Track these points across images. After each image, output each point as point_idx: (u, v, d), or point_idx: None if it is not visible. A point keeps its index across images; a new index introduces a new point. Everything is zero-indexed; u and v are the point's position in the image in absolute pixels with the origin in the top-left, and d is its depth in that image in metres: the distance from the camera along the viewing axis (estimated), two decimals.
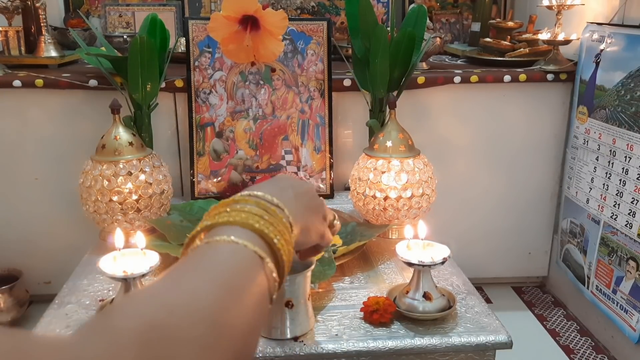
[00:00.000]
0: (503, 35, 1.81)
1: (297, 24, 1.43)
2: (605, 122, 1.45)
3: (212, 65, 1.41)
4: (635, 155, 1.34)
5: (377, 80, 1.30)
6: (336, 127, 1.51)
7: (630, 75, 1.35)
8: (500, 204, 1.71)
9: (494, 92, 1.60)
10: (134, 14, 1.82)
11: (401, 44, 1.27)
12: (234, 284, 0.39)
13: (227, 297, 0.38)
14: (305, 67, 1.43)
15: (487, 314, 0.88)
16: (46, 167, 1.51)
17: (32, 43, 1.61)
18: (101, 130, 1.15)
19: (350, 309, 0.89)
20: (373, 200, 1.13)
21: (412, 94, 1.54)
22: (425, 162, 1.15)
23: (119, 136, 1.11)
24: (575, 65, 1.58)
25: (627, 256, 1.37)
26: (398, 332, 0.83)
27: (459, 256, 1.10)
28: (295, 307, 0.80)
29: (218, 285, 0.38)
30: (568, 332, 1.61)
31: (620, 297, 1.39)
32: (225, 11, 1.10)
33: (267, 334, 0.81)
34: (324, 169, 1.45)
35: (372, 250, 1.11)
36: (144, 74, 1.26)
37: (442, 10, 2.12)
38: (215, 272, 0.40)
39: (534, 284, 1.87)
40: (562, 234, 1.68)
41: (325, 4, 1.95)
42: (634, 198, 1.34)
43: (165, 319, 0.33)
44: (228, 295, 0.38)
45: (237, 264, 0.42)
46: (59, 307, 0.90)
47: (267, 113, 1.44)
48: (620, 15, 1.47)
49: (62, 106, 1.48)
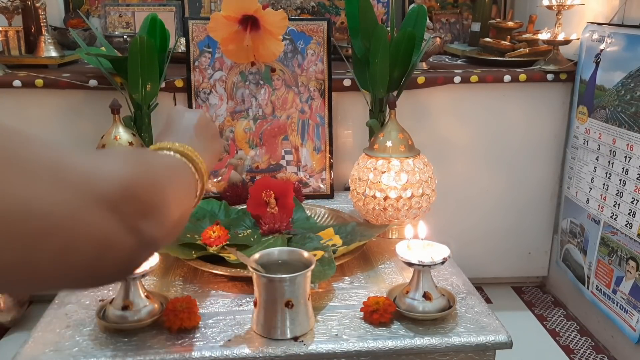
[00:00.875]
0: (503, 35, 1.81)
1: (297, 24, 1.43)
2: (605, 122, 1.45)
3: (212, 65, 1.41)
4: (635, 155, 1.34)
5: (377, 80, 1.30)
6: (336, 127, 1.51)
7: (630, 75, 1.35)
8: (500, 203, 1.71)
9: (494, 92, 1.60)
10: (134, 14, 1.82)
11: (401, 44, 1.27)
12: (174, 168, 0.54)
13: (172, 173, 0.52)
14: (305, 67, 1.43)
15: (487, 314, 0.88)
16: None
17: (32, 43, 1.61)
18: (101, 130, 1.15)
19: (350, 309, 0.89)
20: (373, 200, 1.13)
21: (412, 94, 1.54)
22: (425, 162, 1.15)
23: (119, 136, 1.11)
24: (575, 65, 1.58)
25: (627, 256, 1.37)
26: (398, 332, 0.83)
27: (458, 256, 1.10)
28: (295, 307, 0.80)
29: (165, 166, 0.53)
30: (568, 332, 1.61)
31: (620, 297, 1.39)
32: (225, 11, 1.10)
33: (267, 334, 0.81)
34: (324, 169, 1.45)
35: (372, 250, 1.11)
36: (144, 74, 1.26)
37: (442, 10, 2.12)
38: (160, 158, 0.55)
39: (534, 284, 1.87)
40: (562, 234, 1.68)
41: (325, 4, 1.95)
42: (634, 198, 1.34)
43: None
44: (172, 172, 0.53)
45: (173, 161, 0.56)
46: (59, 307, 0.90)
47: (267, 113, 1.44)
48: (620, 15, 1.47)
49: (62, 106, 1.48)
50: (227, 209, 1.22)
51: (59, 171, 0.33)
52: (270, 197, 1.15)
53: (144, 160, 0.47)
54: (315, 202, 1.36)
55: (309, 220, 1.21)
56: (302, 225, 1.17)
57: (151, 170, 0.45)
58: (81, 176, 0.34)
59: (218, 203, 1.23)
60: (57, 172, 0.33)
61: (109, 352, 0.79)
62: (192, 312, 0.84)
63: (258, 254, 0.84)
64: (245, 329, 0.84)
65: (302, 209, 1.23)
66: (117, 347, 0.80)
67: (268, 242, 1.06)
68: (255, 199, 1.16)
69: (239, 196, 1.33)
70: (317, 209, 1.26)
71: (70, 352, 0.79)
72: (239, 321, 0.86)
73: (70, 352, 0.79)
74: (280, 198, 1.16)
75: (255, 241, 1.08)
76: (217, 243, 1.01)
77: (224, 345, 0.80)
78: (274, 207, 1.15)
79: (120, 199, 0.36)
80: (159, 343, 0.81)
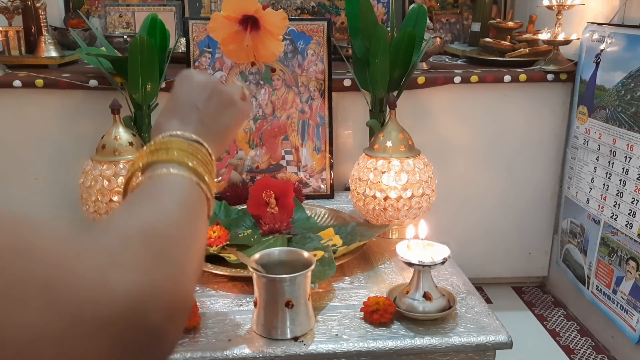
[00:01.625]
0: (503, 35, 1.81)
1: (297, 24, 1.43)
2: (605, 122, 1.45)
3: (212, 66, 1.41)
4: (635, 155, 1.34)
5: (377, 80, 1.30)
6: (336, 127, 1.51)
7: (630, 75, 1.35)
8: (500, 204, 1.71)
9: (494, 92, 1.60)
10: (134, 14, 1.82)
11: (401, 44, 1.27)
12: (188, 203, 0.48)
13: (186, 214, 0.46)
14: (305, 67, 1.43)
15: (487, 314, 0.88)
16: (46, 167, 1.51)
17: (32, 43, 1.61)
18: (101, 131, 1.15)
19: (350, 309, 0.89)
20: (373, 200, 1.13)
21: (412, 94, 1.54)
22: (425, 162, 1.15)
23: (119, 136, 1.11)
24: (575, 65, 1.58)
25: (627, 256, 1.37)
26: (398, 332, 0.83)
27: (459, 256, 1.10)
28: (295, 307, 0.80)
29: (177, 204, 0.47)
30: (568, 332, 1.61)
31: (621, 297, 1.39)
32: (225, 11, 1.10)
33: (267, 334, 0.81)
34: (324, 169, 1.45)
35: (372, 250, 1.11)
36: (144, 74, 1.26)
37: (442, 10, 2.12)
38: (172, 195, 0.48)
39: (534, 284, 1.87)
40: (562, 234, 1.68)
41: (325, 4, 1.95)
42: (634, 198, 1.34)
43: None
44: (186, 212, 0.47)
45: (183, 188, 0.50)
46: None
47: (267, 113, 1.44)
48: (620, 15, 1.47)
49: (62, 106, 1.48)
50: (227, 209, 1.22)
51: (53, 294, 0.28)
52: (271, 197, 1.15)
53: (163, 245, 0.39)
54: (315, 202, 1.36)
55: (309, 221, 1.21)
56: (302, 225, 1.17)
57: (172, 259, 0.38)
58: (80, 297, 0.29)
59: (218, 203, 1.23)
60: (51, 295, 0.28)
61: None
62: (192, 312, 0.84)
63: (258, 254, 0.84)
64: (246, 329, 0.84)
65: (302, 209, 1.23)
66: None
67: (268, 242, 1.06)
68: (256, 199, 1.16)
69: (239, 196, 1.33)
70: (317, 209, 1.26)
71: None
72: (239, 321, 0.86)
73: None
74: (281, 198, 1.16)
75: (255, 241, 1.08)
76: (217, 243, 1.01)
77: (224, 345, 0.80)
78: (274, 207, 1.15)
79: (127, 327, 0.31)
80: None
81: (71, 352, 0.28)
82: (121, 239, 0.36)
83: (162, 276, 0.35)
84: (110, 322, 0.30)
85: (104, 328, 0.30)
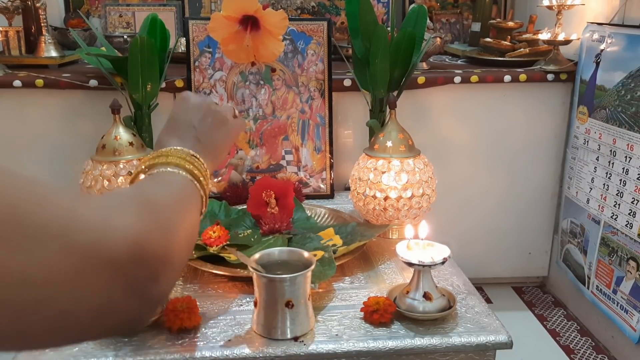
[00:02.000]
0: (503, 35, 1.81)
1: (297, 24, 1.43)
2: (605, 122, 1.45)
3: (212, 66, 1.41)
4: (635, 155, 1.34)
5: (377, 80, 1.30)
6: (336, 127, 1.51)
7: (630, 75, 1.35)
8: (501, 204, 1.71)
9: (494, 92, 1.60)
10: (134, 14, 1.82)
11: (401, 44, 1.27)
12: (183, 192, 0.55)
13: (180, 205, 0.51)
14: (306, 67, 1.43)
15: (487, 314, 0.88)
16: (46, 167, 1.51)
17: (32, 43, 1.61)
18: (101, 130, 1.15)
19: (351, 309, 0.89)
20: (373, 200, 1.13)
21: (412, 94, 1.54)
22: (425, 162, 1.15)
23: (119, 136, 1.11)
24: (575, 65, 1.58)
25: (628, 256, 1.37)
26: (398, 332, 0.83)
27: (459, 256, 1.10)
28: (295, 307, 0.80)
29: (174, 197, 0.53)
30: (568, 332, 1.61)
31: (621, 297, 1.39)
32: (225, 11, 1.10)
33: (267, 334, 0.81)
34: (324, 169, 1.45)
35: (372, 250, 1.11)
36: (144, 74, 1.26)
37: (442, 10, 2.12)
38: (170, 185, 0.55)
39: (534, 284, 1.87)
40: (562, 234, 1.68)
41: (325, 4, 1.95)
42: (634, 198, 1.34)
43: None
44: (180, 204, 0.52)
45: (180, 182, 0.56)
46: None
47: (267, 113, 1.44)
48: (621, 15, 1.47)
49: (62, 106, 1.48)
50: (227, 209, 1.22)
51: (68, 236, 0.33)
52: (271, 197, 1.15)
53: (157, 208, 0.45)
54: (315, 202, 1.36)
55: (309, 220, 1.21)
56: (302, 225, 1.17)
57: (164, 219, 0.44)
58: (90, 238, 0.34)
59: (218, 203, 1.23)
60: (66, 237, 0.33)
61: (109, 352, 0.79)
62: (193, 312, 0.84)
63: (258, 254, 0.84)
64: (246, 329, 0.84)
65: (303, 209, 1.23)
66: (118, 347, 0.80)
67: (268, 242, 1.06)
68: (256, 199, 1.16)
69: (239, 196, 1.33)
70: (317, 209, 1.26)
71: (71, 352, 0.79)
72: (239, 321, 0.86)
73: (71, 352, 0.79)
74: (281, 198, 1.16)
75: (255, 241, 1.08)
76: (217, 243, 1.01)
77: (224, 345, 0.80)
78: (274, 207, 1.15)
79: (128, 263, 0.36)
80: (159, 343, 0.81)
81: (82, 287, 0.33)
82: (121, 198, 0.44)
83: (156, 229, 0.41)
84: (113, 259, 0.35)
85: (108, 264, 0.35)
